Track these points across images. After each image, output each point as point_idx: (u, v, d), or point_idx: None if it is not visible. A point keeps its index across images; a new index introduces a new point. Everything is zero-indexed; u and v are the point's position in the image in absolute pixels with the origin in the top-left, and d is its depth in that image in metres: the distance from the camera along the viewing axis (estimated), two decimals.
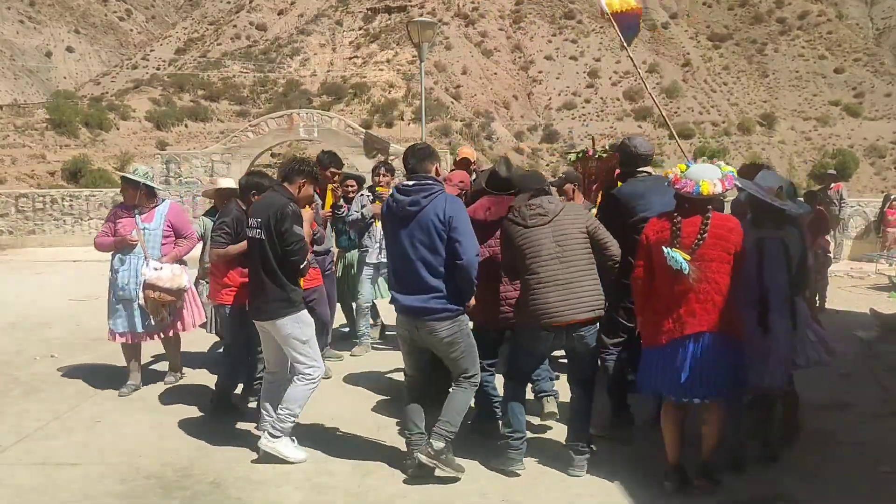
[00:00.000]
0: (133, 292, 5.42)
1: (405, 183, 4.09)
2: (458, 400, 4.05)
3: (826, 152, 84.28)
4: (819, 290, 9.30)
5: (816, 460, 4.38)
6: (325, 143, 16.47)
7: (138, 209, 5.55)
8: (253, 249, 4.37)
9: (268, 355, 4.50)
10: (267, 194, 4.53)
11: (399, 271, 4.03)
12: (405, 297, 3.98)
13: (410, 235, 3.93)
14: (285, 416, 4.24)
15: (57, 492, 3.92)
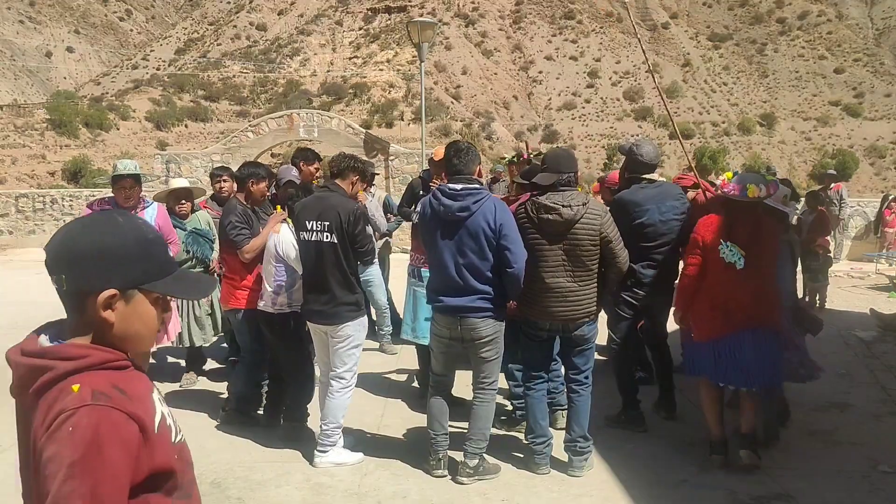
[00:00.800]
0: None
1: (452, 186, 3.92)
2: (484, 414, 4.06)
3: (826, 152, 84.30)
4: (819, 290, 9.31)
5: (816, 460, 4.38)
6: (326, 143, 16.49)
7: (130, 210, 4.81)
8: (314, 251, 4.17)
9: (323, 359, 4.40)
10: (322, 194, 4.34)
11: (443, 275, 3.94)
12: (452, 299, 3.91)
13: (458, 241, 3.86)
14: (331, 429, 4.22)
15: None
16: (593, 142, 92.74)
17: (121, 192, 5.04)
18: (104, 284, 1.44)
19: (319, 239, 4.15)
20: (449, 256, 3.88)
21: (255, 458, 4.38)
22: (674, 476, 4.12)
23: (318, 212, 4.18)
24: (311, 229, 4.17)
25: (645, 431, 4.73)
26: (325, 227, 4.13)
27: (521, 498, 3.87)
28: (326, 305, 4.17)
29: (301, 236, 4.24)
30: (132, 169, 5.10)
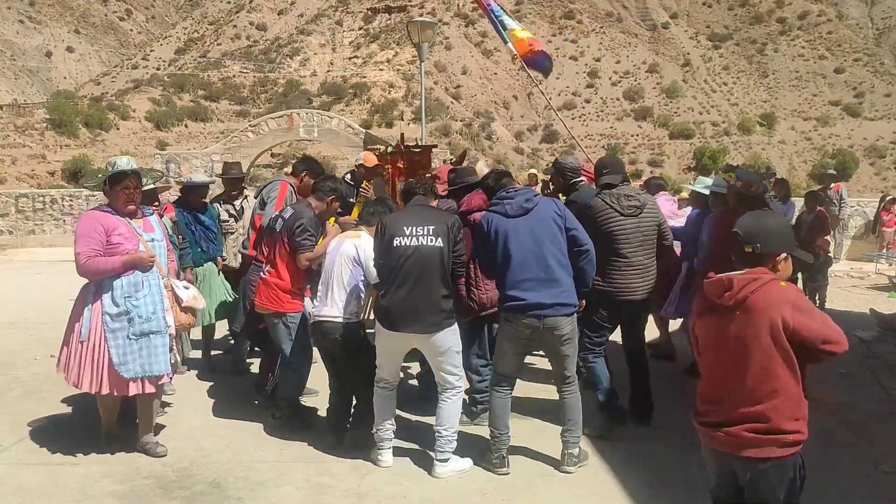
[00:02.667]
0: (163, 321, 4.30)
1: (507, 190, 4.29)
2: (575, 405, 4.21)
3: (826, 152, 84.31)
4: (819, 290, 9.31)
5: (816, 460, 4.38)
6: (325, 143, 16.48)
7: (131, 216, 4.34)
8: (413, 256, 4.05)
9: (390, 368, 4.31)
10: (420, 199, 4.34)
11: (523, 270, 4.05)
12: (533, 294, 4.01)
13: (532, 232, 4.09)
14: (451, 436, 4.15)
15: (57, 491, 3.92)
16: (593, 142, 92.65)
17: (123, 194, 4.27)
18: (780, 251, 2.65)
19: (422, 243, 4.06)
20: (527, 251, 4.06)
21: (255, 458, 4.38)
22: (674, 476, 4.12)
23: (421, 217, 4.17)
24: (412, 234, 4.08)
25: (626, 424, 4.80)
26: (430, 232, 4.08)
27: (521, 498, 3.87)
28: (425, 313, 4.05)
29: (396, 242, 4.08)
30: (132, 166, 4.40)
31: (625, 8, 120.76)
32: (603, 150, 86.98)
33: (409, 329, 4.07)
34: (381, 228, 4.19)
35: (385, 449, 4.26)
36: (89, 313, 4.21)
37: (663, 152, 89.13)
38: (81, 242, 4.14)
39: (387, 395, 4.29)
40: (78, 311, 4.32)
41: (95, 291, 4.24)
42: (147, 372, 4.20)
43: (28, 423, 4.92)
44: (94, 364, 4.16)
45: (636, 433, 4.75)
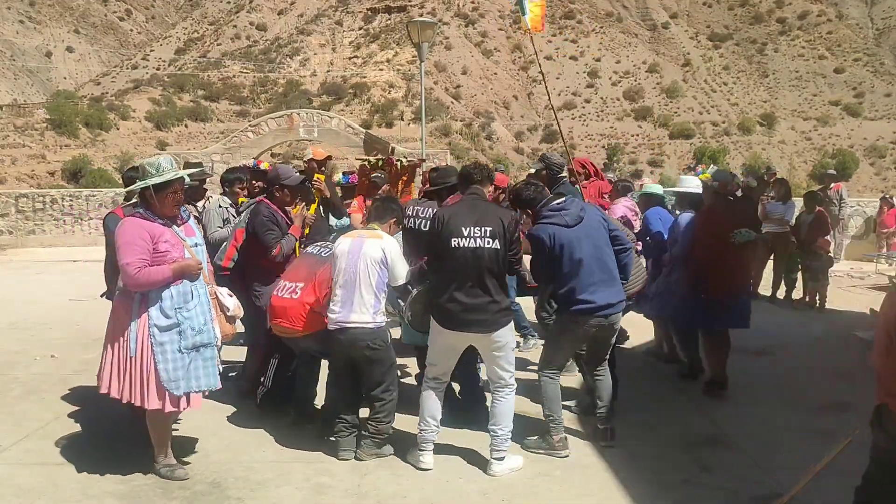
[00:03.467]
0: (212, 333, 4.05)
1: (558, 202, 4.48)
2: (609, 385, 4.66)
3: (826, 152, 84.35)
4: (819, 290, 9.31)
5: (816, 460, 4.38)
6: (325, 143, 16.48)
7: (174, 221, 4.03)
8: (471, 257, 4.05)
9: (444, 367, 4.31)
10: (470, 198, 4.28)
11: (590, 274, 4.32)
12: (601, 296, 4.32)
13: (590, 238, 4.38)
14: (506, 434, 4.19)
15: (57, 491, 3.92)
16: (593, 142, 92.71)
17: (171, 199, 3.95)
18: None
19: (480, 245, 4.07)
20: (590, 257, 4.34)
21: (255, 458, 4.38)
22: (674, 476, 4.12)
23: (476, 218, 4.14)
24: (470, 235, 4.07)
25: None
26: (487, 234, 4.08)
27: (520, 498, 3.87)
28: (486, 312, 4.07)
29: (454, 243, 4.07)
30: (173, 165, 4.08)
31: (625, 8, 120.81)
32: (603, 149, 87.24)
33: (471, 329, 4.10)
34: (436, 225, 4.16)
35: (427, 451, 4.22)
36: (136, 326, 3.85)
37: (663, 152, 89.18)
38: (129, 252, 3.78)
39: (436, 395, 4.28)
40: (121, 323, 3.91)
41: (141, 302, 3.87)
42: (197, 387, 3.94)
43: (28, 423, 4.92)
44: (142, 380, 3.86)
45: (636, 433, 4.75)
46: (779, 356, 6.88)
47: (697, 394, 5.66)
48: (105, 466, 4.21)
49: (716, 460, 4.35)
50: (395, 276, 4.28)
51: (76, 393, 5.60)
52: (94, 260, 13.32)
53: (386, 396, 4.34)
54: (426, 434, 4.21)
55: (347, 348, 4.26)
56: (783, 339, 7.52)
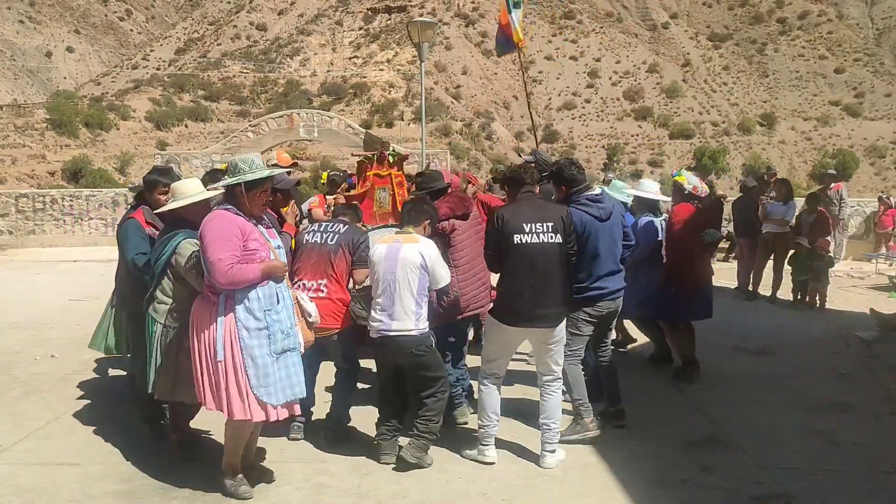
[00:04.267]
0: (297, 337, 3.90)
1: (595, 193, 4.75)
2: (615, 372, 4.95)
3: (826, 152, 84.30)
4: (819, 290, 9.32)
5: (816, 460, 4.38)
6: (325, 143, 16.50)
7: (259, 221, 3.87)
8: (536, 253, 4.12)
9: (503, 362, 4.39)
10: (527, 196, 4.33)
11: (605, 265, 4.64)
12: (611, 282, 4.66)
13: (610, 233, 4.67)
14: (557, 427, 4.33)
15: (58, 492, 3.92)
16: (593, 142, 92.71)
17: (262, 197, 3.84)
18: None
19: (543, 240, 4.15)
20: (607, 249, 4.63)
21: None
22: (674, 476, 4.12)
23: (538, 214, 4.21)
24: (532, 231, 4.14)
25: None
26: (549, 228, 4.17)
27: (521, 498, 3.87)
28: (552, 308, 4.18)
29: (517, 239, 4.12)
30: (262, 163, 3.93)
31: (625, 8, 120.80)
32: (603, 150, 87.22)
33: (537, 324, 4.19)
34: (497, 223, 4.20)
35: (489, 445, 4.31)
36: (222, 329, 3.62)
37: (663, 152, 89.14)
38: (220, 247, 3.56)
39: (496, 390, 4.37)
40: (204, 323, 3.67)
41: (226, 304, 3.64)
42: (289, 396, 3.75)
43: (28, 423, 4.92)
44: (229, 386, 3.63)
45: (636, 433, 4.75)
46: (779, 356, 6.87)
47: (697, 394, 5.66)
48: (105, 466, 4.21)
49: (716, 460, 4.35)
50: (436, 280, 4.22)
51: (76, 393, 5.60)
52: (94, 260, 13.37)
53: (437, 396, 4.29)
54: (489, 429, 4.30)
55: (393, 356, 4.24)
56: (783, 339, 7.52)
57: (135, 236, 4.48)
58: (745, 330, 7.89)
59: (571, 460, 4.34)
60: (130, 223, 4.55)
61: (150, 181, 4.59)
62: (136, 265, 4.38)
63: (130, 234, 4.49)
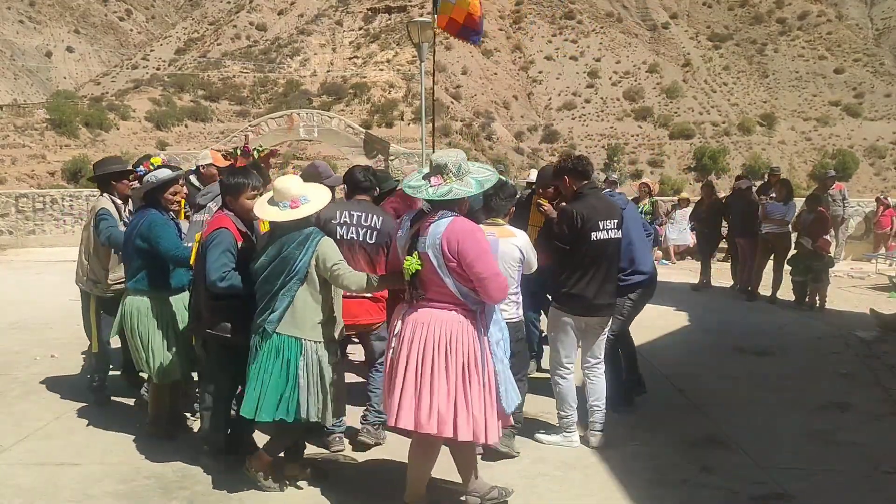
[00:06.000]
0: None
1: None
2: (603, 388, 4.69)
3: (826, 152, 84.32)
4: (820, 290, 9.32)
5: (816, 460, 4.38)
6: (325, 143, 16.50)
7: None
8: (610, 248, 4.46)
9: (571, 351, 4.57)
10: (594, 192, 4.51)
11: (640, 249, 5.02)
12: (646, 272, 5.03)
13: (636, 220, 5.15)
14: (604, 406, 4.58)
15: (58, 492, 3.92)
16: (593, 142, 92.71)
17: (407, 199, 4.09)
18: None
19: (611, 236, 4.46)
20: (637, 235, 4.97)
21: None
22: (674, 476, 4.12)
23: (608, 210, 4.49)
24: (604, 227, 4.42)
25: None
26: (615, 225, 4.48)
27: (521, 498, 3.86)
28: (611, 298, 4.55)
29: (594, 236, 4.39)
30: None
31: (625, 8, 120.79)
32: (603, 150, 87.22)
33: (599, 313, 4.50)
34: (576, 221, 4.35)
35: (574, 431, 4.56)
36: (485, 349, 3.43)
37: (663, 152, 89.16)
38: (492, 261, 3.43)
39: (570, 380, 4.57)
40: (460, 343, 3.36)
41: (481, 320, 3.46)
42: (509, 406, 3.57)
43: (28, 423, 4.91)
44: (496, 406, 3.44)
45: (636, 433, 4.75)
46: (779, 356, 6.87)
47: (697, 394, 5.66)
48: (105, 466, 4.21)
49: (716, 460, 4.35)
50: (530, 267, 4.31)
51: (76, 393, 5.59)
52: None
53: (524, 381, 4.53)
54: (572, 417, 4.53)
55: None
56: (783, 340, 7.52)
57: (225, 255, 3.83)
58: (745, 330, 7.89)
59: (571, 460, 4.34)
60: (224, 236, 3.88)
61: (236, 185, 3.99)
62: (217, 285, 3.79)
63: (219, 250, 3.83)
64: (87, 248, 5.17)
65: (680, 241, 14.50)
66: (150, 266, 4.40)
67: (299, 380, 3.64)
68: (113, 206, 5.10)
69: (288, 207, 3.69)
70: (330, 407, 3.75)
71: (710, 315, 8.81)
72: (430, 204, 3.48)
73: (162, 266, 4.41)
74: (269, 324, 3.66)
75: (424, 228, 3.41)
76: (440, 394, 3.31)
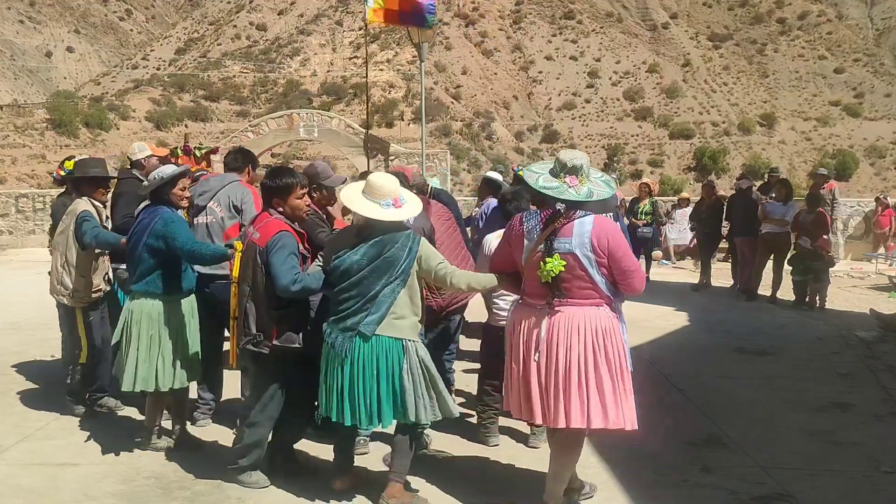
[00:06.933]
0: None
1: None
2: None
3: (826, 152, 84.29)
4: (820, 291, 9.32)
5: (817, 460, 4.38)
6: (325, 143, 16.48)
7: None
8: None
9: None
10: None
11: None
12: None
13: None
14: None
15: (58, 492, 3.92)
16: (593, 142, 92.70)
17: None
18: None
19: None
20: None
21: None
22: (674, 476, 4.12)
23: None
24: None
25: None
26: None
27: (522, 499, 3.86)
28: None
29: None
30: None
31: (625, 8, 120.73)
32: (603, 150, 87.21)
33: None
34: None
35: None
36: (625, 336, 3.58)
37: (663, 152, 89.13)
38: (633, 254, 3.60)
39: None
40: (610, 335, 3.47)
41: (619, 308, 3.60)
42: None
43: (28, 423, 4.91)
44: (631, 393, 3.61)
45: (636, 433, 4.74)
46: (779, 356, 6.88)
47: (697, 394, 5.66)
48: (105, 466, 4.21)
49: (716, 460, 4.35)
50: None
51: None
52: None
53: None
54: None
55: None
56: (783, 340, 7.53)
57: (291, 257, 3.71)
58: (745, 330, 7.89)
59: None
60: (288, 239, 3.75)
61: (286, 186, 3.84)
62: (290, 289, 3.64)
63: (284, 253, 3.70)
64: (67, 257, 4.80)
65: (680, 241, 14.52)
66: (165, 267, 4.22)
67: (404, 382, 3.54)
68: (93, 208, 4.85)
69: (391, 206, 3.59)
70: (438, 405, 3.63)
71: (710, 315, 8.82)
72: (566, 205, 3.44)
73: (176, 267, 4.26)
74: (366, 326, 3.51)
75: (561, 230, 3.41)
76: (607, 388, 3.42)
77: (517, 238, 3.57)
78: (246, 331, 3.79)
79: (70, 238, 4.78)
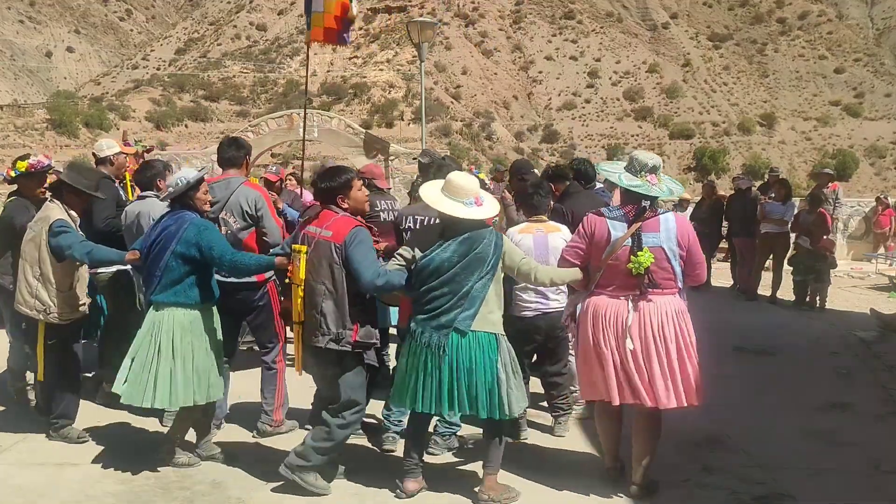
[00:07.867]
0: None
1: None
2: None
3: (826, 152, 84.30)
4: (820, 291, 9.32)
5: (817, 460, 4.38)
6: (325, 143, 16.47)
7: None
8: None
9: None
10: (576, 192, 4.92)
11: None
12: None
13: None
14: None
15: (57, 492, 3.92)
16: (593, 142, 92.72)
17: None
18: None
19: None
20: None
21: (256, 457, 4.37)
22: (674, 476, 4.12)
23: (592, 205, 4.61)
24: None
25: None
26: None
27: (521, 498, 3.86)
28: None
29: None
30: None
31: (625, 8, 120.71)
32: (603, 150, 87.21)
33: None
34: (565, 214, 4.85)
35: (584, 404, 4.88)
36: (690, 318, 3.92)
37: (663, 152, 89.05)
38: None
39: None
40: (682, 317, 3.83)
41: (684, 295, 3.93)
42: None
43: (28, 423, 4.91)
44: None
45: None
46: (779, 356, 6.87)
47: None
48: (105, 466, 4.21)
49: (716, 460, 4.35)
50: None
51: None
52: None
53: (568, 370, 4.70)
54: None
55: (545, 331, 4.52)
56: (783, 340, 7.52)
57: (372, 252, 3.78)
58: (745, 330, 7.89)
59: (571, 460, 4.34)
60: (364, 234, 3.77)
61: (346, 182, 3.85)
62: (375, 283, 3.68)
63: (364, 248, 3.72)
64: (41, 268, 4.32)
65: None
66: (198, 275, 4.02)
67: (499, 375, 3.61)
68: (67, 215, 4.39)
69: (473, 205, 3.67)
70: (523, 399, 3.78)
71: (710, 315, 8.79)
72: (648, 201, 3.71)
73: (208, 275, 4.08)
74: (462, 322, 3.57)
75: (648, 225, 3.67)
76: (692, 368, 3.78)
77: (601, 235, 3.75)
78: (324, 330, 3.71)
79: (43, 248, 4.30)
